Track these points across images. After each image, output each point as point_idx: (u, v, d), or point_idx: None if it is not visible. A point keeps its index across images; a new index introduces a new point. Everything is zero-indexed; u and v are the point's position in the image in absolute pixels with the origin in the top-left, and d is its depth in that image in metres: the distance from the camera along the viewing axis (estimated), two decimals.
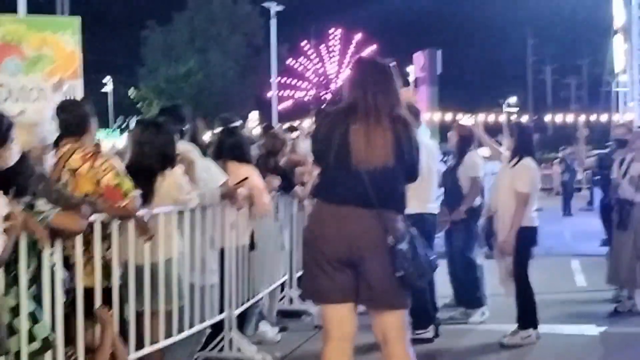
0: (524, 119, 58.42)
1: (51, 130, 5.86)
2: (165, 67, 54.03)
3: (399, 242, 4.66)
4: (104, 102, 53.24)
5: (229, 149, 7.30)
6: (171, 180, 5.94)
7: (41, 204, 4.53)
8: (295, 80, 61.04)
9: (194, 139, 6.87)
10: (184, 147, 6.41)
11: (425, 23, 69.88)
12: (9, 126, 4.39)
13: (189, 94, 52.50)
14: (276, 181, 8.05)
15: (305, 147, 9.10)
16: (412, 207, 5.41)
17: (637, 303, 9.34)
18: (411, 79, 51.37)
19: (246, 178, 6.98)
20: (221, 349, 7.00)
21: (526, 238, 7.87)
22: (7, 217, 4.19)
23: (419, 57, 51.78)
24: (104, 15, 58.00)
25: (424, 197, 7.58)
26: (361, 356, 5.87)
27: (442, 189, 9.09)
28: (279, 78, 45.23)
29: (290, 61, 60.36)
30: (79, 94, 9.64)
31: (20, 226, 4.30)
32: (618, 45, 27.08)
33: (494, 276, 8.53)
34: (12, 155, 4.47)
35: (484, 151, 9.85)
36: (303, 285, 5.23)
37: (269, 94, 43.89)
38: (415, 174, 4.94)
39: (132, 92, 53.06)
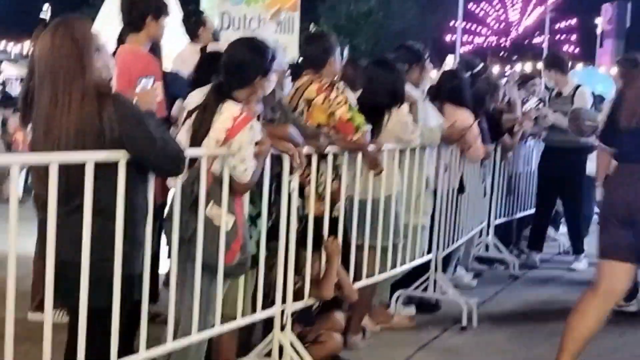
0: None
1: (283, 57, 6.00)
2: (346, 4, 54.08)
3: None
4: None
5: (448, 92, 7.26)
6: (397, 118, 5.98)
7: None
8: (475, 26, 60.01)
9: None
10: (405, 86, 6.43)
11: None
12: (273, 57, 4.50)
13: (368, 32, 52.50)
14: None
15: (515, 94, 8.96)
16: None
17: None
18: (598, 31, 49.66)
19: (471, 127, 6.95)
20: (425, 289, 7.05)
21: None
22: (257, 143, 4.32)
23: (607, 9, 49.93)
24: None
25: None
26: None
27: None
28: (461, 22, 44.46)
29: (471, 6, 59.30)
30: (296, 26, 9.80)
31: (267, 150, 4.44)
32: None
33: None
34: (271, 85, 4.60)
35: None
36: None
37: (449, 38, 43.35)
38: None
39: (312, 27, 53.54)
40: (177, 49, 7.75)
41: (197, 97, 4.48)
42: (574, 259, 9.24)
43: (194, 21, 7.84)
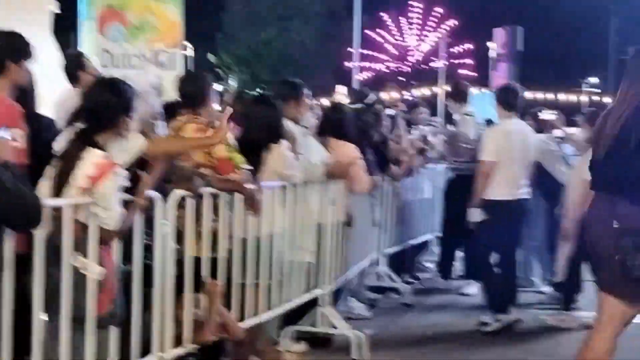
0: (605, 99, 57.58)
1: (156, 99, 5.93)
2: (246, 34, 54.19)
3: None
4: (185, 66, 53.61)
5: (331, 126, 7.28)
6: (277, 155, 5.95)
7: None
8: (374, 52, 60.77)
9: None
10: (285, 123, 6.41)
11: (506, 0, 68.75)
12: (134, 95, 4.40)
13: (268, 61, 52.63)
14: None
15: (402, 125, 9.06)
16: None
17: None
18: (492, 55, 50.80)
19: (354, 159, 6.97)
20: (313, 324, 7.01)
21: None
22: (127, 190, 4.23)
23: (500, 34, 51.14)
24: None
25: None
26: None
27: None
28: (359, 49, 44.94)
29: (369, 32, 60.04)
30: (179, 63, 9.70)
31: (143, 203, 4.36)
32: None
33: None
34: (134, 126, 4.50)
35: (558, 132, 9.60)
36: None
37: (348, 64, 43.72)
38: None
39: (212, 58, 53.38)
40: (58, 93, 7.56)
41: (62, 142, 4.36)
42: (466, 283, 9.35)
43: (73, 64, 7.62)
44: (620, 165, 4.49)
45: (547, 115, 9.17)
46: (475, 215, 7.72)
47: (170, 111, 5.84)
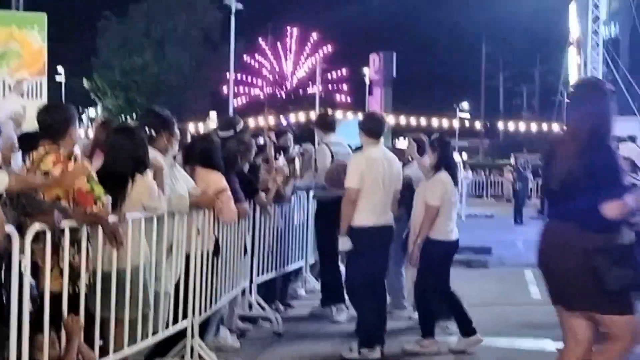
0: (476, 124, 59.21)
1: (15, 129, 5.79)
2: (120, 59, 53.55)
3: None
4: (58, 91, 52.57)
5: (198, 155, 7.23)
6: (142, 186, 5.88)
7: None
8: (251, 77, 60.98)
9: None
10: (151, 153, 6.34)
11: (381, 26, 69.94)
12: None
13: (143, 87, 52.13)
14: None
15: (272, 152, 9.11)
16: None
17: None
18: (367, 79, 51.65)
19: (223, 189, 6.95)
20: (182, 356, 6.92)
21: (435, 251, 7.99)
22: None
23: (374, 59, 52.12)
24: (58, 4, 57.24)
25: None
26: None
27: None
28: (235, 74, 44.99)
29: (246, 58, 60.26)
30: (44, 91, 9.48)
31: None
32: (572, 57, 27.41)
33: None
34: None
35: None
36: None
37: (225, 90, 43.73)
38: None
39: (86, 83, 52.54)
40: None
41: None
42: (335, 310, 9.39)
43: None
44: (575, 197, 4.98)
45: (400, 144, 9.37)
46: (345, 243, 7.76)
47: (31, 142, 5.69)
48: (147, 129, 6.51)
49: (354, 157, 8.07)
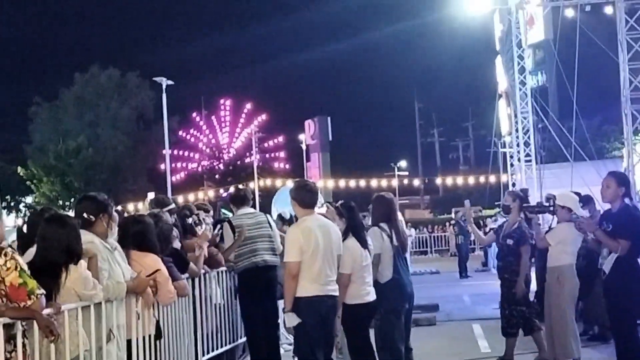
0: (415, 181, 59.75)
1: None
2: (54, 144, 53.10)
3: None
4: None
5: (132, 237, 7.15)
6: (75, 275, 5.80)
7: None
8: (187, 152, 60.90)
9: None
10: (85, 237, 6.27)
11: (314, 91, 70.81)
12: None
13: (79, 169, 51.67)
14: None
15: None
16: None
17: None
18: (304, 146, 51.92)
19: (157, 270, 6.87)
20: None
21: (351, 315, 8.11)
22: None
23: (310, 125, 52.55)
24: None
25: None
26: None
27: None
28: (171, 150, 44.96)
29: (181, 133, 60.24)
30: None
31: None
32: (502, 109, 27.90)
33: None
34: None
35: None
36: None
37: (161, 167, 43.60)
38: None
39: (20, 171, 51.92)
40: None
41: None
42: None
43: None
44: None
45: (321, 210, 9.41)
46: (292, 319, 7.63)
47: None
48: (85, 214, 6.47)
49: (289, 232, 7.94)
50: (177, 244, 8.33)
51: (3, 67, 61.32)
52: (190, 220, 9.42)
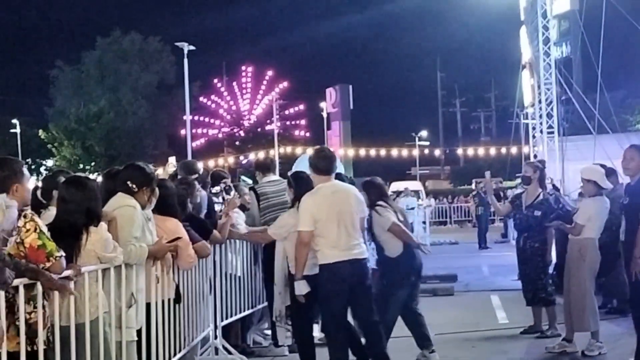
0: (436, 152, 59.59)
1: None
2: (75, 107, 53.26)
3: None
4: (14, 143, 52.17)
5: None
6: (96, 237, 5.79)
7: None
8: (208, 118, 60.87)
9: None
10: (128, 201, 6.30)
11: (336, 59, 70.52)
12: None
13: (100, 133, 51.83)
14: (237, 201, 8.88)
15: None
16: None
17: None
18: (324, 114, 51.79)
19: (179, 238, 6.87)
20: None
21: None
22: None
23: (331, 93, 52.34)
24: (9, 55, 57.14)
25: None
26: None
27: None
28: (192, 116, 44.92)
29: (202, 99, 60.22)
30: None
31: None
32: (525, 80, 27.65)
33: None
34: None
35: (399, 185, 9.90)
36: None
37: (182, 132, 43.58)
38: None
39: (42, 134, 52.14)
40: None
41: None
42: None
43: None
44: None
45: None
46: (302, 287, 7.63)
47: None
48: (129, 182, 6.48)
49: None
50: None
51: (25, 30, 61.40)
52: (218, 188, 9.40)
